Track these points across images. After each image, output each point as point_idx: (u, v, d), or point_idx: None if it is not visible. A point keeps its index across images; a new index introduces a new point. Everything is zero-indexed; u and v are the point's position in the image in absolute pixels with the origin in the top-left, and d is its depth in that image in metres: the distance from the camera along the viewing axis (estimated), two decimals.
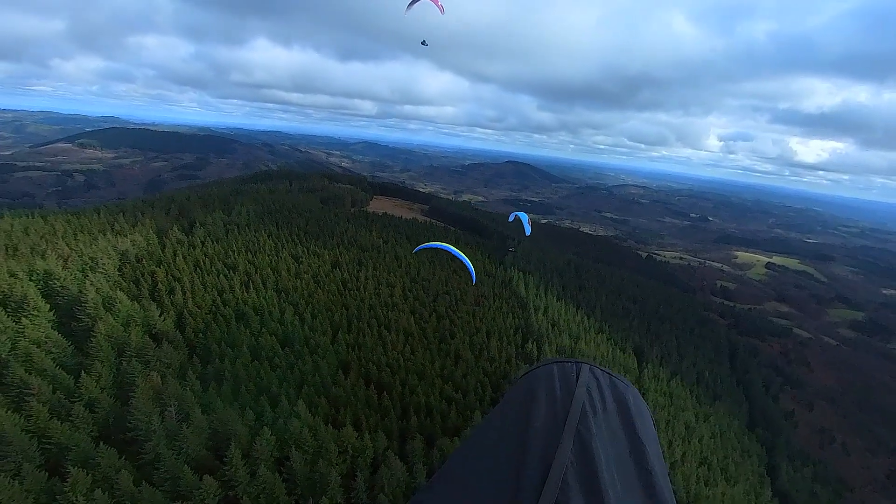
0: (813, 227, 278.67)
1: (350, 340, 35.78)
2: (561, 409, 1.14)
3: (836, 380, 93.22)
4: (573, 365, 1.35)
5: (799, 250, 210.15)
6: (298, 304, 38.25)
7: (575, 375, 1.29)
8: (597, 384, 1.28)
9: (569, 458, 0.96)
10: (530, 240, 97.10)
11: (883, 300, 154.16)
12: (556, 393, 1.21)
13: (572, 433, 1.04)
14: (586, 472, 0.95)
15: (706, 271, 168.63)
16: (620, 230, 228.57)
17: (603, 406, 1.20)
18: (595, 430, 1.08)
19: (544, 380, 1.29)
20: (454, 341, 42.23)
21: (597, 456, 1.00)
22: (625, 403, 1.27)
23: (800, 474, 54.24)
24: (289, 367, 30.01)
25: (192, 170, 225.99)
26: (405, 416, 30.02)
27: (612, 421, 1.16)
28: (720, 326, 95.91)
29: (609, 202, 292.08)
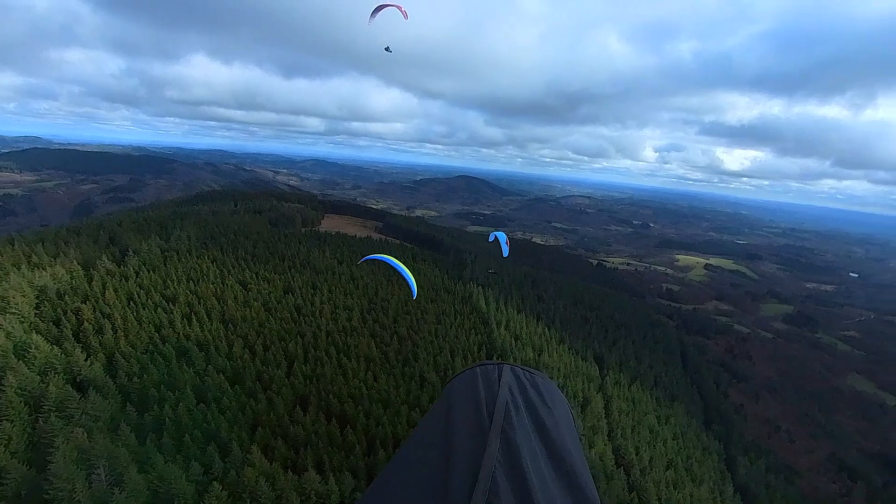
0: (741, 230, 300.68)
1: (307, 372, 33.30)
2: (486, 411, 1.17)
3: (775, 371, 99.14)
4: (495, 367, 1.39)
5: (731, 251, 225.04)
6: (248, 336, 35.33)
7: (497, 377, 1.33)
8: (518, 383, 1.32)
9: (496, 457, 0.99)
10: (487, 254, 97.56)
11: (807, 293, 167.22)
12: (481, 395, 1.24)
13: (498, 432, 1.08)
14: (513, 468, 0.98)
15: (652, 275, 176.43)
16: (570, 239, 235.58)
17: (525, 403, 1.24)
18: (519, 427, 1.13)
19: (468, 384, 1.33)
20: (418, 363, 40.70)
21: (522, 452, 1.04)
22: (543, 398, 1.32)
23: (755, 466, 56.48)
24: (240, 407, 27.22)
25: (126, 192, 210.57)
26: (372, 450, 28.04)
27: (534, 416, 1.21)
28: (670, 328, 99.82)
29: (558, 213, 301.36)
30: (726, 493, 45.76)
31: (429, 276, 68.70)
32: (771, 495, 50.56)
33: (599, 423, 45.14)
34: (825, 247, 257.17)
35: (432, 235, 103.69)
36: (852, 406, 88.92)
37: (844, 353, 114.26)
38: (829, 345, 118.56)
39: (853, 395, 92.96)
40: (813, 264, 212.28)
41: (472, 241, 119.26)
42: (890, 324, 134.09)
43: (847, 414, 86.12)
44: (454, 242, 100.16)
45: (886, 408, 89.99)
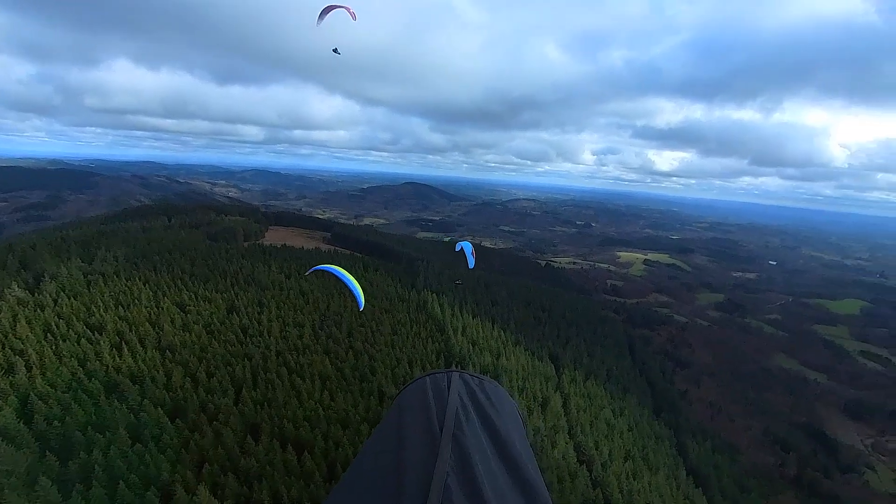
0: (674, 226, 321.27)
1: (257, 397, 31.10)
2: (436, 419, 1.19)
3: (712, 356, 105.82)
4: (444, 375, 1.41)
5: (667, 246, 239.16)
6: (189, 363, 32.51)
7: (447, 384, 1.35)
8: (467, 389, 1.35)
9: (448, 464, 1.02)
10: (439, 259, 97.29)
11: (735, 282, 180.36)
12: (430, 404, 1.26)
13: (449, 439, 1.10)
14: (466, 473, 1.01)
15: (596, 273, 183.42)
16: (518, 242, 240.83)
17: (475, 409, 1.28)
18: (469, 432, 1.16)
19: (418, 394, 1.34)
20: (376, 378, 39.38)
21: (473, 457, 1.06)
22: (493, 403, 1.35)
23: (703, 448, 59.69)
24: (182, 444, 24.76)
25: (42, 210, 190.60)
26: (333, 476, 26.54)
27: (484, 421, 1.24)
28: (617, 322, 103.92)
29: (505, 216, 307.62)
30: (680, 478, 47.95)
31: (381, 285, 67.31)
32: (719, 475, 53.62)
33: (559, 421, 45.83)
34: (746, 238, 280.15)
35: (382, 244, 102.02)
36: (780, 383, 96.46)
37: (770, 334, 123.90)
38: (757, 328, 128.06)
39: (780, 373, 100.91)
40: (737, 255, 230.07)
41: (423, 248, 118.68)
42: (806, 305, 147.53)
43: (776, 391, 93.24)
44: (405, 250, 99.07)
45: (808, 382, 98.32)
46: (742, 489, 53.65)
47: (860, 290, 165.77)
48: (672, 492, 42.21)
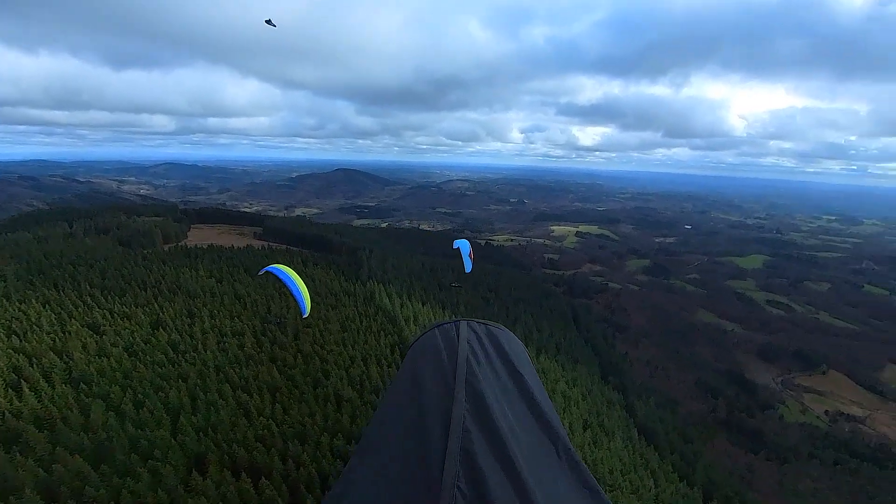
0: (600, 198, 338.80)
1: (199, 423, 27.58)
2: (449, 366, 1.25)
3: (645, 318, 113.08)
4: (452, 325, 1.47)
5: (595, 218, 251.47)
6: (111, 395, 28.05)
7: (456, 333, 1.41)
8: (476, 336, 1.40)
9: (464, 407, 1.07)
10: (383, 247, 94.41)
11: (657, 247, 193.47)
12: (442, 353, 1.32)
13: (463, 384, 1.16)
14: (482, 415, 1.07)
15: (534, 248, 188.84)
16: (455, 223, 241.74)
17: (485, 354, 1.34)
18: (482, 376, 1.21)
19: (430, 345, 1.39)
20: (330, 381, 36.86)
21: (488, 398, 1.13)
22: (502, 346, 1.41)
23: (648, 406, 63.51)
24: (112, 494, 21.10)
25: None
26: (296, 499, 24.19)
27: (494, 364, 1.30)
28: (559, 295, 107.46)
29: (440, 198, 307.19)
30: (633, 438, 50.47)
31: (324, 280, 63.68)
32: (665, 428, 57.23)
33: None
34: (664, 206, 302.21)
35: (320, 235, 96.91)
36: (704, 336, 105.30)
37: (691, 292, 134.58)
38: (680, 288, 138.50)
39: (703, 327, 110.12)
40: (657, 221, 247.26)
41: (363, 236, 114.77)
42: (719, 263, 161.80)
43: (702, 343, 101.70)
44: (344, 240, 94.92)
45: (727, 332, 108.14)
46: (685, 439, 57.76)
47: (761, 246, 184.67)
48: (629, 454, 44.19)
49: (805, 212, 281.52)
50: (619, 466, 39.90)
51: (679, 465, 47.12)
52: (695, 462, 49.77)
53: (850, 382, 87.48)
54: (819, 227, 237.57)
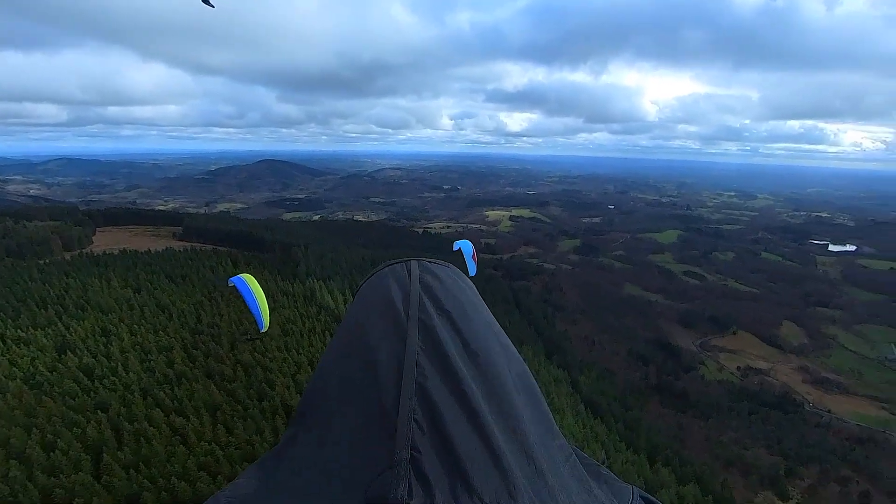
0: (530, 182, 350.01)
1: (127, 459, 24.16)
2: (401, 305, 1.21)
3: (580, 296, 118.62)
4: (403, 264, 1.42)
5: (526, 201, 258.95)
6: (11, 439, 23.72)
7: (407, 272, 1.37)
8: (428, 273, 1.37)
9: (417, 345, 1.05)
10: (319, 242, 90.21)
11: (585, 227, 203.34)
12: (393, 291, 1.28)
13: (416, 322, 1.13)
14: (436, 352, 1.05)
15: (470, 233, 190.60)
16: (391, 212, 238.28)
17: (437, 291, 1.30)
18: (435, 314, 1.19)
19: (380, 284, 1.36)
20: (276, 391, 34.31)
21: (441, 336, 1.11)
22: (454, 283, 1.39)
23: (590, 379, 66.88)
24: None
25: None
26: None
27: (446, 301, 1.27)
28: (499, 279, 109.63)
29: (373, 187, 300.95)
30: (580, 413, 52.79)
31: (259, 280, 59.40)
32: (607, 400, 60.56)
33: None
34: (588, 188, 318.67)
35: (248, 232, 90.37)
36: (632, 308, 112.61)
37: (618, 268, 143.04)
38: (608, 265, 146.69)
39: (631, 300, 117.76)
40: (584, 203, 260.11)
41: (296, 231, 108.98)
42: (641, 240, 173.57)
43: (631, 315, 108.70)
44: (276, 236, 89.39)
45: (651, 303, 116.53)
46: (625, 407, 61.57)
47: (675, 221, 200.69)
48: (580, 429, 46.06)
49: (709, 189, 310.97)
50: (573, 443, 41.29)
51: (624, 434, 50.06)
52: (637, 428, 53.17)
53: (756, 340, 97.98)
54: (722, 202, 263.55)
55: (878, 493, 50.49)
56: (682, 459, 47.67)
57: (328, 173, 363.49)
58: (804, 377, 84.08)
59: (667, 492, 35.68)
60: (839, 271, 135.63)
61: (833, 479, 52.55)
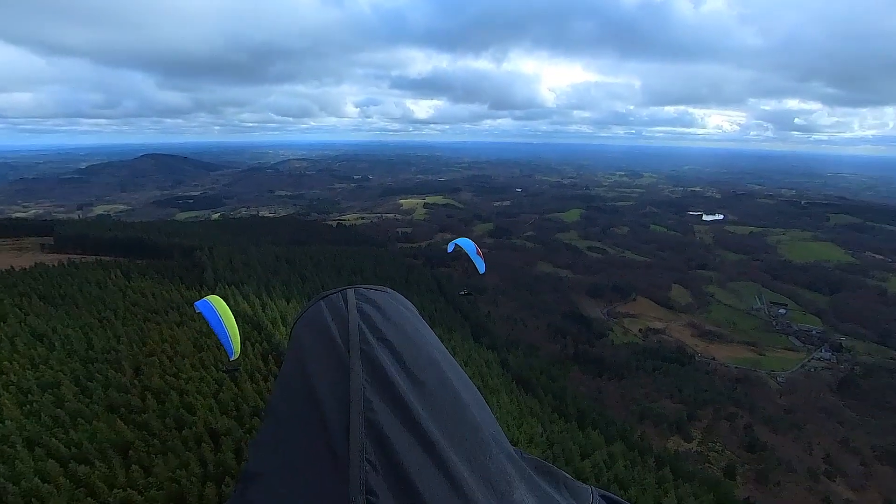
0: (440, 169, 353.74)
1: None
2: (340, 338, 1.18)
3: (499, 277, 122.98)
4: (339, 294, 1.39)
5: (439, 188, 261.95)
6: None
7: (343, 302, 1.34)
8: (366, 302, 1.34)
9: (362, 378, 1.02)
10: (224, 242, 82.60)
11: (496, 210, 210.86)
12: (330, 325, 1.24)
13: (358, 354, 1.10)
14: (382, 383, 1.02)
15: (386, 223, 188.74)
16: (300, 205, 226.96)
17: (378, 319, 1.27)
18: (376, 343, 1.16)
19: (315, 319, 1.31)
20: (197, 415, 30.83)
21: (386, 365, 1.07)
22: (392, 308, 1.36)
23: (518, 357, 69.86)
24: None
25: None
26: None
27: (388, 328, 1.24)
28: (420, 267, 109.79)
29: (278, 180, 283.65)
30: (513, 390, 54.99)
31: (158, 293, 52.79)
32: (535, 375, 63.75)
33: None
34: (496, 172, 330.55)
35: (138, 237, 79.68)
36: (547, 285, 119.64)
37: (531, 248, 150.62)
38: (521, 246, 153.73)
39: (544, 277, 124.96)
40: (493, 187, 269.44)
41: (196, 233, 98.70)
42: (548, 220, 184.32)
43: (546, 292, 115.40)
44: (173, 239, 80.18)
45: (562, 279, 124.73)
46: (551, 378, 65.41)
47: (577, 201, 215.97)
48: (516, 406, 47.96)
49: (603, 170, 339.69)
50: (512, 421, 42.99)
51: (554, 404, 53.16)
52: (564, 397, 56.78)
53: (652, 303, 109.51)
54: (615, 181, 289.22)
55: (756, 423, 59.66)
56: (606, 420, 51.99)
57: (225, 167, 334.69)
58: (692, 332, 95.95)
59: (599, 453, 38.65)
60: (712, 237, 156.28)
61: (723, 417, 60.96)
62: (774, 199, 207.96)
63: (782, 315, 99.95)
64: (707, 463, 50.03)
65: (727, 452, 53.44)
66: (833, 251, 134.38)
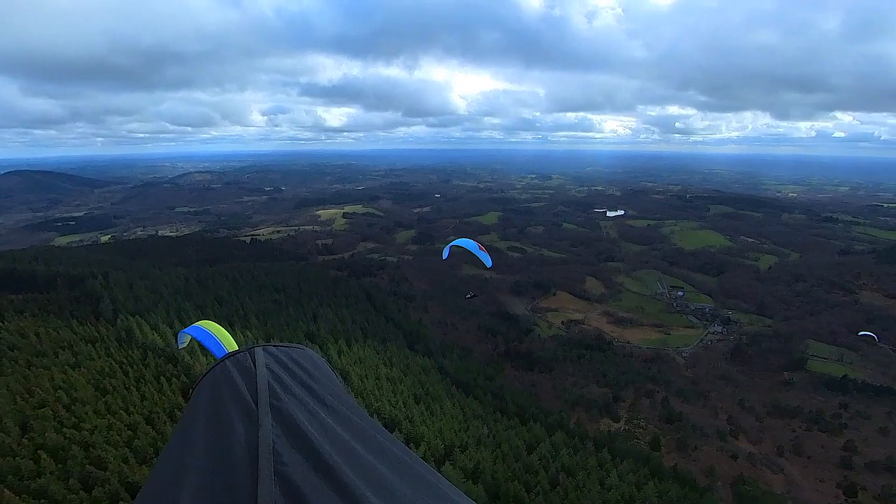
0: (357, 177, 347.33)
1: None
2: (249, 396, 1.16)
3: (426, 283, 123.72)
4: (246, 353, 1.37)
5: (357, 197, 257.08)
6: None
7: (251, 361, 1.32)
8: (276, 360, 1.33)
9: (272, 432, 1.00)
10: (122, 268, 73.49)
11: (417, 217, 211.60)
12: (238, 384, 1.22)
13: (268, 410, 1.08)
14: (294, 436, 1.01)
15: (305, 236, 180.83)
16: (206, 222, 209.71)
17: (290, 376, 1.27)
18: (288, 399, 1.15)
19: (220, 379, 1.28)
20: (109, 471, 26.81)
21: (298, 419, 1.07)
22: (304, 366, 1.36)
23: (453, 361, 70.39)
24: None
25: None
26: None
27: (299, 384, 1.24)
28: (346, 279, 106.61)
29: (179, 195, 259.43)
30: (454, 394, 55.15)
31: (45, 331, 45.21)
32: (473, 376, 64.65)
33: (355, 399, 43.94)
34: (414, 179, 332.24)
35: (9, 268, 67.77)
36: (473, 286, 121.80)
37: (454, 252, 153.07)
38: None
39: (469, 279, 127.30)
40: (412, 194, 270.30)
41: (85, 259, 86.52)
42: (468, 224, 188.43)
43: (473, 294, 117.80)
44: (56, 268, 69.60)
45: (487, 279, 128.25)
46: (488, 378, 66.80)
47: (493, 204, 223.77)
48: (460, 409, 48.13)
49: (515, 173, 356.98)
50: (458, 425, 43.06)
51: (495, 403, 54.22)
52: (503, 395, 58.21)
53: (570, 296, 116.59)
54: (527, 184, 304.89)
55: (671, 396, 65.90)
56: (544, 412, 54.14)
57: (113, 183, 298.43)
58: (608, 319, 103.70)
59: (544, 445, 40.05)
60: (616, 231, 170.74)
61: (643, 395, 66.50)
62: (664, 195, 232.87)
63: (680, 297, 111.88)
64: (635, 439, 54.12)
65: (650, 427, 58.33)
66: (715, 237, 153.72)
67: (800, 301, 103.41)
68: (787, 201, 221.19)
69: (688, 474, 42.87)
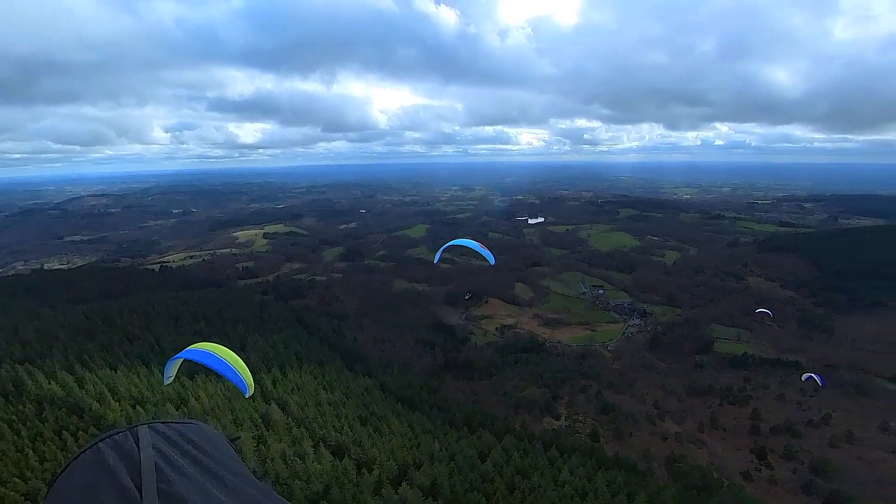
0: (276, 196, 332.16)
1: None
2: (131, 481, 1.04)
3: (358, 301, 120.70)
4: (127, 433, 1.25)
5: (278, 216, 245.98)
6: None
7: (134, 442, 1.19)
8: (164, 439, 1.22)
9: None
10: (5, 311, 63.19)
11: (344, 233, 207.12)
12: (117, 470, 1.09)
13: (155, 495, 1.00)
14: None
15: (222, 260, 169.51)
16: (105, 250, 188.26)
17: (181, 456, 1.17)
18: (179, 481, 1.06)
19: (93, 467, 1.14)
20: None
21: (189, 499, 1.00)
22: (197, 442, 1.26)
23: (395, 377, 68.89)
24: None
25: None
26: None
27: (193, 463, 1.15)
28: (273, 302, 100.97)
29: (69, 223, 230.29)
30: (400, 412, 53.86)
31: None
32: (416, 392, 63.68)
33: (296, 430, 41.34)
34: (338, 195, 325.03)
35: None
36: (406, 301, 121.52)
37: (384, 267, 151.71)
38: (374, 266, 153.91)
39: (403, 293, 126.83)
40: (336, 210, 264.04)
41: None
42: (396, 238, 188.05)
43: (407, 308, 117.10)
44: None
45: (420, 292, 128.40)
46: (431, 391, 66.23)
47: (420, 217, 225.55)
48: (408, 427, 47.12)
49: (439, 186, 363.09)
50: (408, 443, 42.11)
51: (442, 416, 53.81)
52: (447, 407, 57.99)
53: (502, 303, 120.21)
54: (451, 196, 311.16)
55: (604, 389, 70.03)
56: (491, 418, 54.77)
57: None
58: (539, 322, 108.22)
59: (496, 450, 40.43)
60: (539, 238, 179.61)
61: (579, 390, 69.91)
62: (579, 201, 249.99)
63: (601, 295, 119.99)
64: (577, 433, 56.65)
65: (588, 420, 61.41)
66: (625, 238, 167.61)
67: (701, 290, 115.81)
68: (682, 202, 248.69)
69: (628, 460, 45.67)
